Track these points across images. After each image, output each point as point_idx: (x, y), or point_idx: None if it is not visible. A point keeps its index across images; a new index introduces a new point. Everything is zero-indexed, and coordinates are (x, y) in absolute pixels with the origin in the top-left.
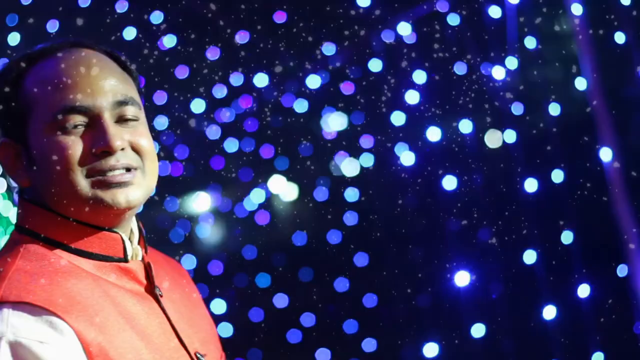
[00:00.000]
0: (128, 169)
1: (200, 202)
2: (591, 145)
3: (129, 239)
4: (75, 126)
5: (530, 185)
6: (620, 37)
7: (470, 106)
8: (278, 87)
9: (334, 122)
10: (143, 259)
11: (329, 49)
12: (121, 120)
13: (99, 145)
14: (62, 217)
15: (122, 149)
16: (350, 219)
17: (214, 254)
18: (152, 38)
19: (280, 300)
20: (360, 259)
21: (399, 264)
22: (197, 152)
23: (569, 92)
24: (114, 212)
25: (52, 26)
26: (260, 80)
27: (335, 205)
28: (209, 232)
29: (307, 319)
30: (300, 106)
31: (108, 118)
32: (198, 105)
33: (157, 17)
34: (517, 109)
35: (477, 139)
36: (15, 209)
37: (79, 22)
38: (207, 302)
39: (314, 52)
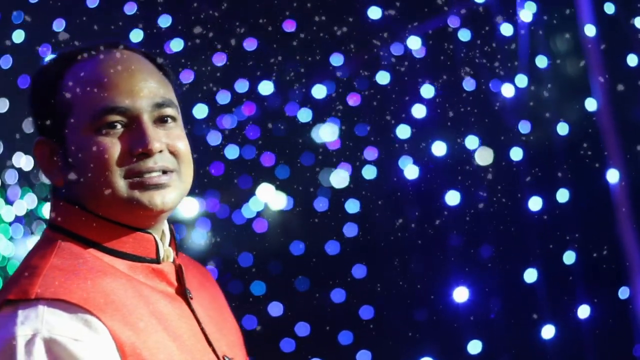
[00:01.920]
0: (164, 172)
1: (189, 208)
2: (598, 166)
3: (161, 240)
4: (114, 127)
5: (535, 203)
6: (632, 60)
7: (477, 122)
8: (283, 96)
9: (326, 133)
10: (174, 261)
11: (336, 59)
12: (159, 122)
13: (137, 147)
14: (96, 216)
15: (160, 151)
16: (350, 230)
17: (210, 260)
18: (159, 41)
19: (275, 309)
20: (359, 271)
21: (398, 277)
22: (197, 158)
23: (578, 113)
24: (149, 213)
25: (59, 25)
26: (265, 88)
27: (335, 216)
28: (205, 238)
29: (302, 329)
30: (304, 115)
31: (147, 120)
32: (200, 111)
33: (165, 20)
34: (524, 127)
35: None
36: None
37: (86, 22)
38: None
39: (322, 62)
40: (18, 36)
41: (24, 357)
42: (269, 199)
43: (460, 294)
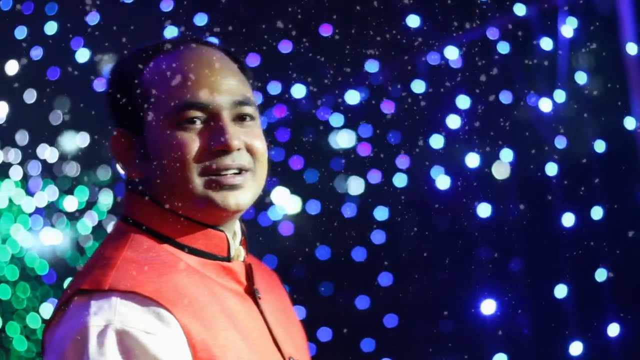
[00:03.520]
0: (240, 170)
1: None
2: (634, 185)
3: (232, 239)
4: (194, 122)
5: (568, 219)
6: None
7: (512, 135)
8: (315, 100)
9: (343, 139)
10: (244, 260)
11: (372, 65)
12: (238, 120)
13: (217, 144)
14: (170, 211)
15: (238, 149)
16: (378, 237)
17: None
18: None
19: (298, 313)
20: (384, 278)
21: (424, 287)
22: None
23: (616, 131)
24: (222, 213)
25: (93, 19)
26: (298, 91)
27: (363, 223)
28: None
29: (324, 334)
30: (336, 120)
31: (226, 117)
32: None
33: (201, 18)
34: (560, 142)
35: (517, 169)
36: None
37: (120, 17)
38: None
39: (357, 68)
40: (50, 28)
41: (95, 348)
42: (284, 202)
43: (488, 307)
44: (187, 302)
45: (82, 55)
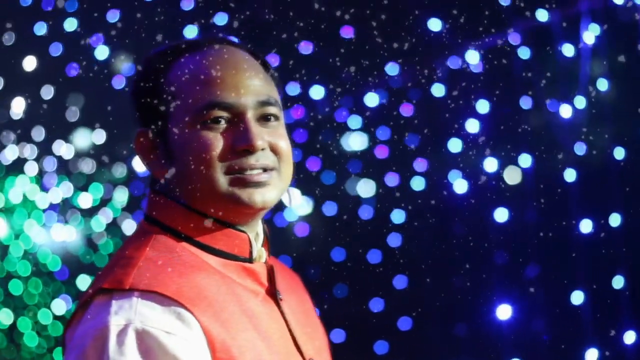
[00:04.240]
0: (265, 169)
1: None
2: None
3: (255, 240)
4: (218, 122)
5: (586, 226)
6: None
7: (531, 141)
8: (333, 101)
9: (360, 141)
10: (266, 261)
11: (392, 68)
12: (262, 120)
13: (241, 143)
14: (192, 211)
15: (262, 149)
16: (394, 240)
17: None
18: None
19: None
20: (399, 281)
21: (440, 291)
22: None
23: (636, 138)
24: (248, 210)
25: (113, 16)
26: (317, 92)
27: (380, 225)
28: None
29: (337, 335)
30: (354, 122)
31: (251, 117)
32: None
33: (221, 18)
34: (579, 148)
35: (536, 174)
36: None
37: (140, 15)
38: None
39: (377, 70)
40: (70, 24)
41: (115, 347)
42: (294, 203)
43: (504, 312)
44: (208, 302)
45: (101, 52)
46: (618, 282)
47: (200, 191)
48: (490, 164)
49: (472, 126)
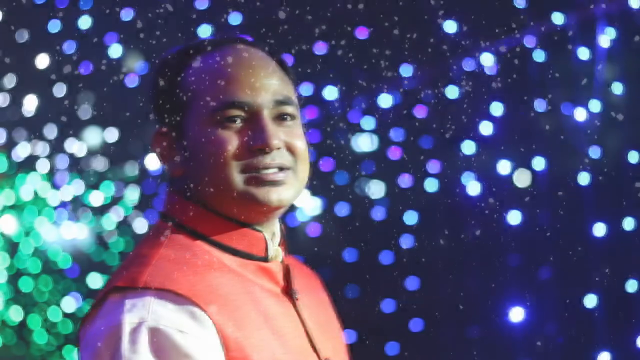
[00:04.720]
0: (281, 169)
1: None
2: None
3: (271, 239)
4: (234, 121)
5: (599, 229)
6: None
7: (545, 144)
8: (347, 102)
9: (373, 142)
10: (282, 261)
11: (406, 69)
12: (278, 119)
13: (256, 143)
14: (209, 210)
15: (278, 148)
16: (406, 241)
17: None
18: None
19: None
20: (411, 283)
21: (452, 292)
22: None
23: None
24: (264, 209)
25: (127, 14)
26: (330, 93)
27: (392, 226)
28: None
29: (348, 336)
30: (368, 123)
31: (267, 116)
32: None
33: (235, 17)
34: (594, 152)
35: (549, 177)
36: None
37: (155, 13)
38: None
39: (390, 71)
40: (84, 22)
41: (128, 345)
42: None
43: (516, 314)
44: (222, 301)
45: (115, 50)
46: (632, 285)
47: (216, 190)
48: (504, 167)
49: (486, 128)
